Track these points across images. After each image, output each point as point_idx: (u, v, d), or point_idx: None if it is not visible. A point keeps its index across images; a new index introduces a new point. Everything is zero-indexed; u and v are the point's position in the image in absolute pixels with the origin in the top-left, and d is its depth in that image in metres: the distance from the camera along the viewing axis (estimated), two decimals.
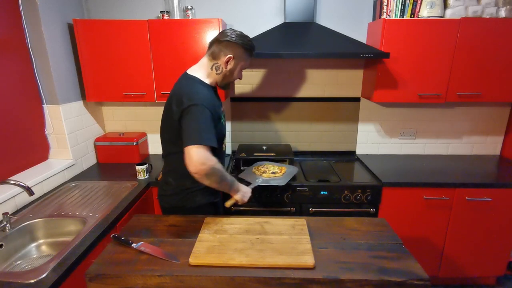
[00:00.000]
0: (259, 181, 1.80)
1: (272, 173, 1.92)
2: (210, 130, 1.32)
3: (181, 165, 1.31)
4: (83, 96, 2.20)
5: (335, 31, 2.09)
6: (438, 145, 2.55)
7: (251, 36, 2.17)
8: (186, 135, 1.30)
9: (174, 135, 1.39)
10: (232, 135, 2.56)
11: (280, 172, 1.95)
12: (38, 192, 1.77)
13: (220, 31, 1.55)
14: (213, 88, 1.49)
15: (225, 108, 2.45)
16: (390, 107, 2.46)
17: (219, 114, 1.46)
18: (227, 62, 1.42)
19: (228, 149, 2.58)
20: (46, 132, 2.00)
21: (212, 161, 1.29)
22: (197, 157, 1.25)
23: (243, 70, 1.56)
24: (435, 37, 1.97)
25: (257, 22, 2.28)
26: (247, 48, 1.44)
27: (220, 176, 1.34)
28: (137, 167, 2.03)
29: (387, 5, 2.07)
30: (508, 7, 2.00)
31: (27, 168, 1.87)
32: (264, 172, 1.94)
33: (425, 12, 2.02)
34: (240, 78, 1.53)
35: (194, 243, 1.18)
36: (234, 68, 1.46)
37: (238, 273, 1.04)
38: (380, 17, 2.11)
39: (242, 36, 1.43)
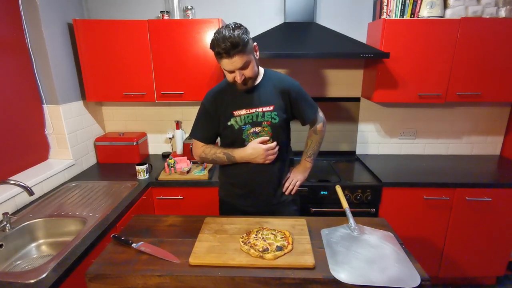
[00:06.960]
0: None
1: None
2: (196, 124, 1.51)
3: None
4: (83, 96, 2.20)
5: (335, 31, 2.08)
6: (438, 145, 2.55)
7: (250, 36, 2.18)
8: None
9: None
10: None
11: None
12: (38, 192, 1.78)
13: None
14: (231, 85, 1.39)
15: None
16: (390, 107, 2.46)
17: (222, 110, 1.41)
18: None
19: None
20: (46, 132, 2.00)
21: (196, 153, 1.53)
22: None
23: (234, 73, 1.30)
24: (435, 37, 1.97)
25: (257, 22, 2.28)
26: (211, 48, 1.25)
27: (211, 160, 1.50)
28: (137, 167, 2.03)
29: (387, 5, 2.07)
30: (508, 7, 2.00)
31: (27, 168, 1.87)
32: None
33: (425, 12, 2.02)
34: (237, 81, 1.30)
35: (194, 243, 1.18)
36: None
37: (238, 273, 1.04)
38: (380, 17, 2.11)
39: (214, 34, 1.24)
